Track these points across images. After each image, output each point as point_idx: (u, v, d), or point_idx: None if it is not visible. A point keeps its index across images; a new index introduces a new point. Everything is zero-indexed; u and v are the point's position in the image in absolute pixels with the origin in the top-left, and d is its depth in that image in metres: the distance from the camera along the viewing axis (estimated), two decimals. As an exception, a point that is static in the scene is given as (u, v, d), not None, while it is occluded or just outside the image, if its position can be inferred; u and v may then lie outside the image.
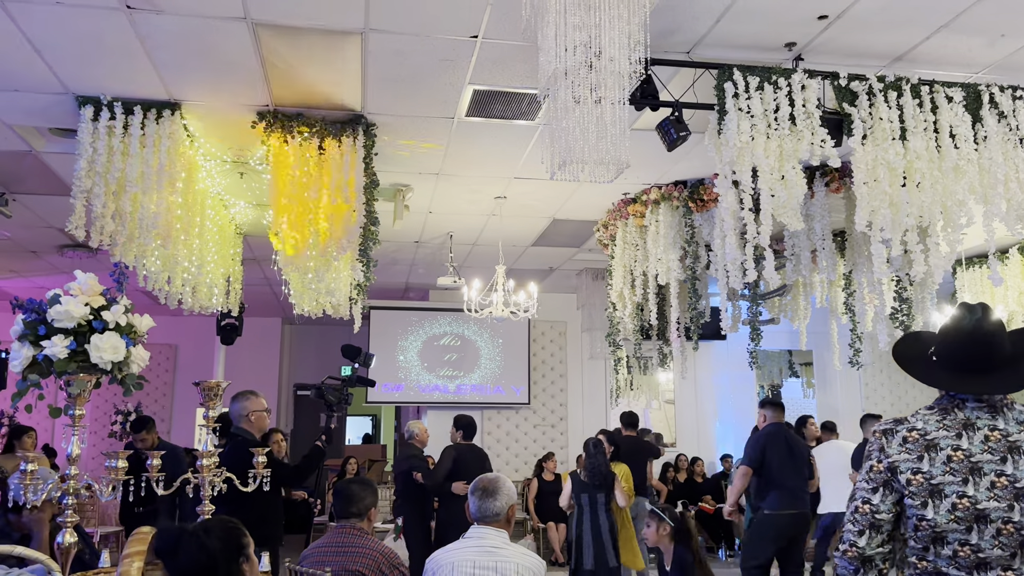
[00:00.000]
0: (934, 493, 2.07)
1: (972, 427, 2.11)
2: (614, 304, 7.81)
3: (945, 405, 2.19)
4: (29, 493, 2.66)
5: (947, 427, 2.13)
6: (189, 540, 2.08)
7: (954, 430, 2.11)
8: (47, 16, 4.30)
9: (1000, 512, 2.00)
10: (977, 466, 2.05)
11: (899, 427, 2.20)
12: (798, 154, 4.60)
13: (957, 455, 2.07)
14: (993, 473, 2.03)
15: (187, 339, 13.15)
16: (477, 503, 3.20)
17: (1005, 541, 2.00)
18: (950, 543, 2.05)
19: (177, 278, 6.24)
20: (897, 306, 6.63)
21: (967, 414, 2.13)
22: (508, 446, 11.71)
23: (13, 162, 6.41)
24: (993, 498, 2.01)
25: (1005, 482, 2.02)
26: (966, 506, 2.03)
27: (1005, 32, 4.58)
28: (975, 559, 2.01)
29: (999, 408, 2.13)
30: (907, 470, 2.13)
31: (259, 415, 4.54)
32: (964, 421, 2.12)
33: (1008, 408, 2.13)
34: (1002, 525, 2.00)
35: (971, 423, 2.11)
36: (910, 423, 2.19)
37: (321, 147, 5.50)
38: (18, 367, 2.71)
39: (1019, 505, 2.00)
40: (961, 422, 2.12)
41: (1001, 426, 2.09)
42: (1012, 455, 2.05)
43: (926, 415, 2.20)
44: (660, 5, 4.17)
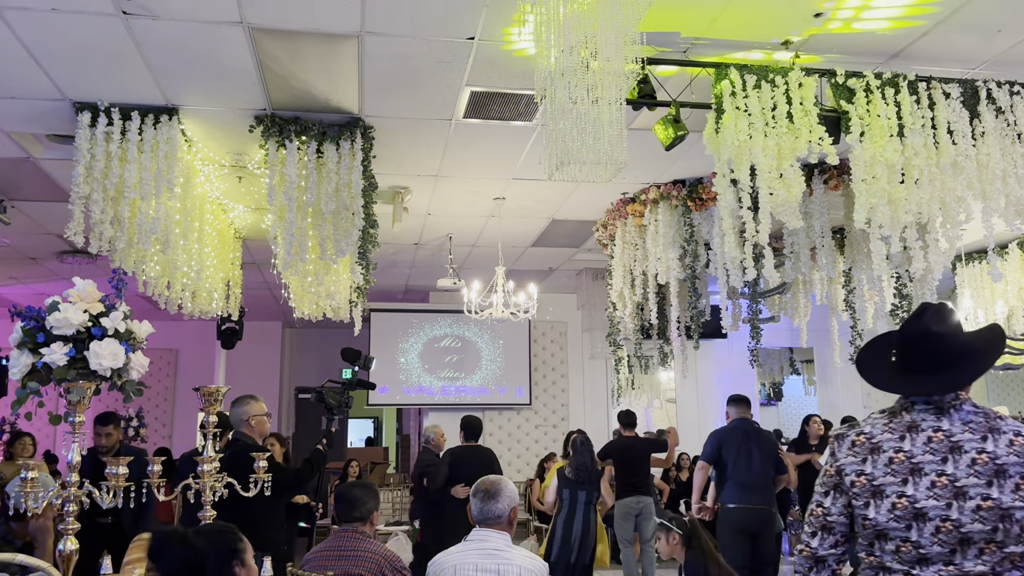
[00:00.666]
0: (875, 494, 2.14)
1: (916, 429, 2.16)
2: (614, 304, 7.81)
3: (895, 408, 2.25)
4: (30, 500, 2.66)
5: (892, 430, 2.19)
6: (176, 542, 2.09)
7: (898, 432, 2.17)
8: (43, 23, 4.30)
9: (938, 511, 2.05)
10: (918, 467, 2.10)
11: (850, 432, 2.27)
12: (796, 152, 4.59)
13: (898, 456, 2.13)
14: (934, 473, 2.08)
15: (188, 344, 13.16)
16: (479, 505, 3.19)
17: (944, 538, 2.04)
18: (892, 539, 2.10)
19: (177, 283, 6.24)
20: (897, 303, 6.62)
21: (913, 416, 2.18)
22: (510, 447, 11.71)
23: (11, 169, 6.41)
24: (932, 497, 2.06)
25: (945, 481, 2.06)
26: (904, 505, 2.08)
27: (1002, 28, 4.57)
28: (916, 555, 2.06)
29: (946, 409, 2.16)
30: (852, 472, 2.20)
31: (259, 419, 4.53)
32: (909, 423, 2.17)
33: (956, 409, 2.16)
34: (940, 523, 2.04)
35: (916, 425, 2.16)
36: (860, 428, 2.26)
37: (319, 150, 5.50)
38: (17, 374, 2.71)
39: (957, 503, 2.04)
40: (906, 424, 2.18)
41: (945, 427, 2.13)
42: (953, 455, 2.09)
43: (876, 419, 2.26)
44: (657, 4, 4.16)
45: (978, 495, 2.03)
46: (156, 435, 13.03)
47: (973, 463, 2.06)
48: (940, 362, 2.20)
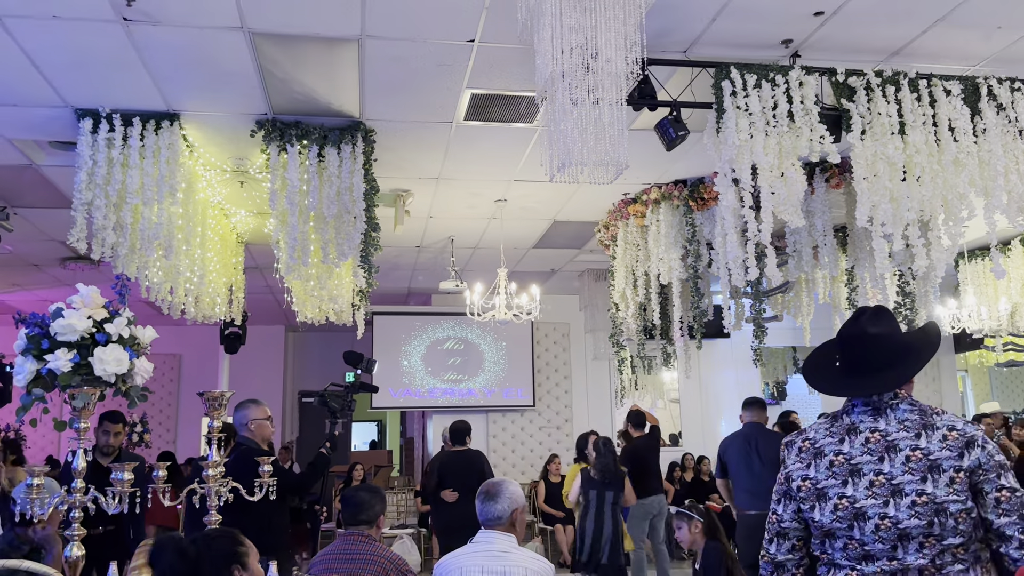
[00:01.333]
0: (820, 496, 2.20)
1: (855, 431, 2.22)
2: (617, 304, 7.80)
3: (838, 412, 2.31)
4: (35, 507, 2.66)
5: (833, 433, 2.25)
6: (171, 546, 2.10)
7: (838, 435, 2.24)
8: (44, 30, 4.31)
9: (876, 509, 2.11)
10: (857, 468, 2.16)
11: (797, 439, 2.34)
12: (797, 151, 4.59)
13: (838, 459, 2.20)
14: (872, 473, 2.14)
15: (191, 349, 13.17)
16: (479, 507, 3.20)
17: (884, 535, 2.10)
18: (839, 537, 2.18)
19: (180, 288, 6.25)
20: (900, 300, 6.63)
21: (852, 419, 2.25)
22: (514, 448, 11.71)
23: (13, 176, 6.42)
24: (871, 496, 2.12)
25: (883, 480, 2.12)
26: (845, 506, 2.15)
27: (1001, 24, 4.57)
28: (861, 551, 2.13)
29: (883, 410, 2.22)
30: (798, 478, 2.27)
31: (260, 423, 4.53)
32: (848, 426, 2.24)
33: (892, 409, 2.21)
34: (879, 520, 2.10)
35: (854, 427, 2.22)
36: (805, 434, 2.33)
37: (320, 154, 5.50)
38: (22, 381, 2.71)
39: (894, 501, 2.09)
40: (846, 427, 2.24)
41: (882, 427, 2.19)
42: (889, 454, 2.14)
43: (819, 425, 2.33)
44: (656, 5, 4.17)
45: (913, 491, 2.08)
46: (160, 440, 13.04)
47: (907, 460, 2.12)
48: (879, 363, 2.25)
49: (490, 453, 11.37)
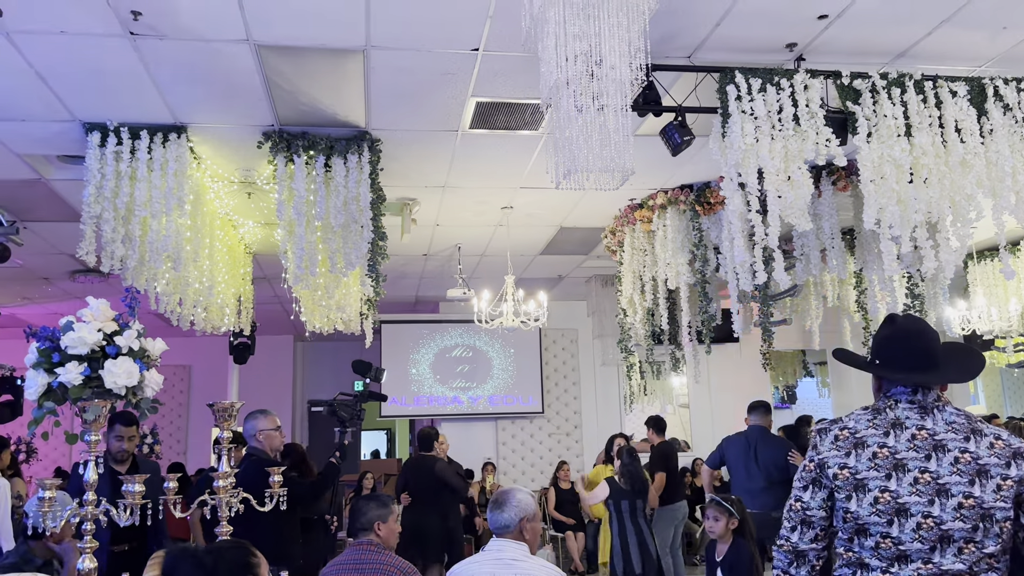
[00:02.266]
0: (858, 487, 2.17)
1: (900, 426, 2.20)
2: (624, 310, 7.80)
3: (879, 406, 2.30)
4: (47, 520, 2.67)
5: (876, 426, 2.23)
6: (187, 560, 2.09)
7: (882, 428, 2.22)
8: (52, 45, 4.34)
9: (920, 507, 2.09)
10: (901, 463, 2.14)
11: (833, 426, 2.31)
12: (803, 154, 4.59)
13: (882, 452, 2.17)
14: (917, 470, 2.12)
15: (200, 359, 13.21)
16: (489, 515, 3.20)
17: (925, 535, 2.07)
18: (872, 535, 2.13)
19: (189, 299, 6.27)
20: (909, 302, 6.60)
21: (898, 414, 2.23)
22: (523, 456, 11.69)
23: (23, 190, 6.46)
24: (915, 493, 2.10)
25: (928, 478, 2.11)
26: (887, 500, 2.11)
27: (1007, 24, 4.56)
28: (896, 551, 2.09)
29: (930, 409, 2.22)
30: (834, 465, 2.23)
31: (268, 434, 4.54)
32: (894, 420, 2.22)
33: (939, 410, 2.22)
34: (922, 519, 2.07)
35: (900, 422, 2.21)
36: (843, 423, 2.30)
37: (327, 164, 5.52)
38: (33, 395, 2.73)
39: (939, 500, 2.08)
40: (891, 421, 2.22)
41: (929, 426, 2.19)
42: (937, 453, 2.13)
43: (860, 415, 2.30)
44: (659, 11, 4.17)
45: (960, 493, 2.07)
46: (170, 451, 13.07)
47: (956, 462, 2.11)
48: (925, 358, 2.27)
49: (499, 460, 11.37)
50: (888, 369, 2.32)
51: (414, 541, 6.86)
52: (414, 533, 6.88)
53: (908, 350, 2.29)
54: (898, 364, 2.30)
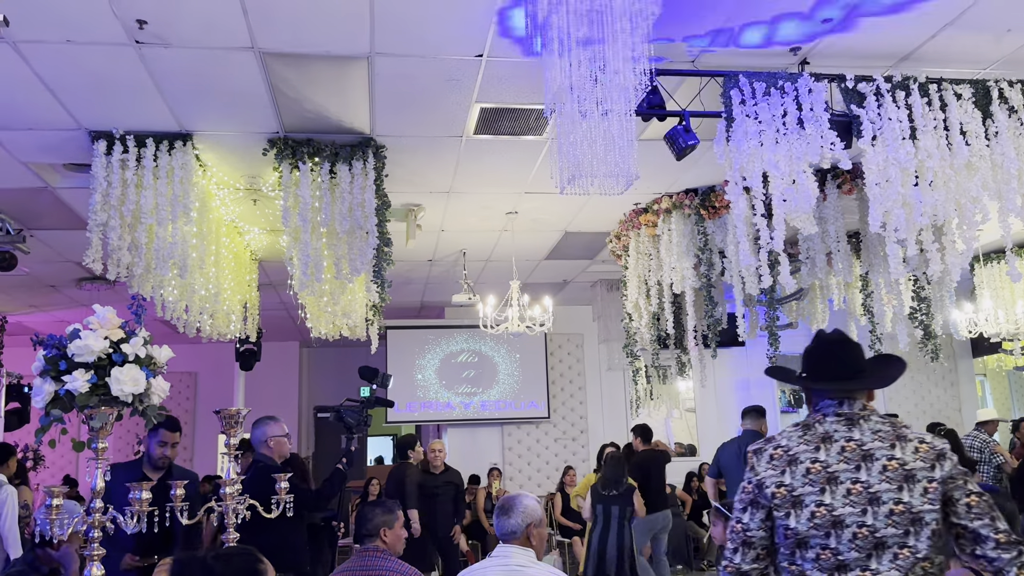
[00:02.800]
0: (795, 504, 2.24)
1: (830, 440, 2.28)
2: (630, 314, 7.79)
3: (808, 422, 2.37)
4: (55, 528, 2.68)
5: (807, 442, 2.30)
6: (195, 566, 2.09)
7: (813, 444, 2.29)
8: (58, 55, 4.37)
9: (855, 517, 2.17)
10: (834, 476, 2.22)
11: (767, 446, 2.38)
12: (808, 158, 4.57)
13: (815, 467, 2.25)
14: (849, 481, 2.21)
15: (207, 366, 13.22)
16: (496, 521, 3.20)
17: (860, 544, 2.15)
18: (812, 547, 2.20)
19: (195, 307, 6.29)
20: (916, 306, 6.58)
21: (826, 428, 2.31)
22: (530, 461, 11.68)
23: (30, 199, 6.49)
24: (848, 504, 2.18)
25: (860, 488, 2.19)
26: (823, 514, 2.19)
27: (1011, 27, 4.55)
28: (835, 561, 2.16)
29: (856, 420, 2.30)
30: (772, 484, 2.30)
31: (278, 440, 4.55)
32: (823, 435, 2.30)
33: (865, 420, 2.30)
34: (857, 529, 2.15)
35: (829, 436, 2.29)
36: (776, 441, 2.37)
37: (332, 171, 5.54)
38: (40, 403, 2.74)
39: (871, 509, 2.16)
40: (820, 436, 2.30)
41: (856, 437, 2.27)
42: (866, 463, 2.22)
43: (791, 433, 2.37)
44: (663, 16, 4.18)
45: (891, 500, 2.16)
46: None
47: (884, 469, 2.20)
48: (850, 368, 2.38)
49: (506, 466, 11.36)
50: (814, 380, 2.42)
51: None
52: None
53: (832, 361, 2.40)
54: (824, 374, 2.40)
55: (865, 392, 2.38)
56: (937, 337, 6.71)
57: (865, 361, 2.43)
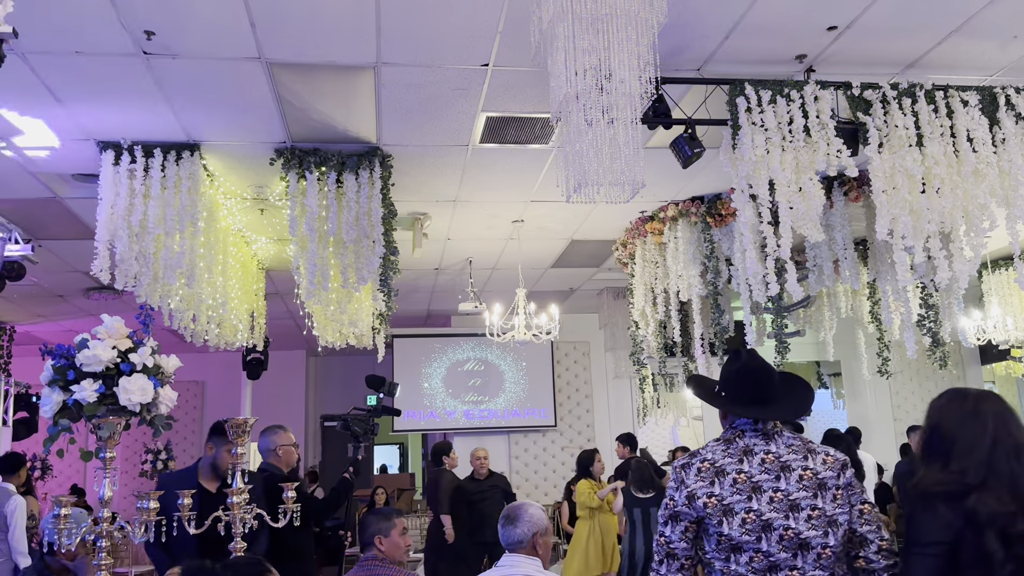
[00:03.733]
0: (726, 511, 2.41)
1: (751, 453, 2.47)
2: (636, 322, 7.78)
3: (729, 436, 2.55)
4: (63, 537, 2.68)
5: (730, 455, 2.48)
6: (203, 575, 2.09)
7: (736, 456, 2.47)
8: (67, 65, 4.40)
9: (780, 520, 2.36)
10: (757, 485, 2.41)
11: (694, 460, 2.53)
12: (814, 165, 4.58)
13: (740, 477, 2.43)
14: (771, 489, 2.40)
15: (214, 375, 13.24)
16: (501, 530, 3.18)
17: (787, 544, 2.34)
18: (746, 551, 2.37)
19: (202, 316, 6.30)
20: (924, 313, 6.55)
21: (746, 442, 2.50)
22: (536, 469, 11.65)
23: (38, 209, 6.53)
24: (773, 510, 2.37)
25: (780, 496, 2.39)
26: (753, 519, 2.37)
27: (1017, 34, 4.55)
28: (767, 563, 2.35)
29: (771, 435, 2.51)
30: (703, 495, 2.45)
31: (287, 449, 4.55)
32: (744, 448, 2.49)
33: (778, 435, 2.51)
34: (783, 532, 2.35)
35: (750, 449, 2.48)
36: (702, 455, 2.53)
37: (339, 180, 5.55)
38: (48, 412, 2.75)
39: (793, 514, 2.37)
40: (742, 449, 2.49)
41: (774, 450, 2.47)
42: (784, 473, 2.42)
43: (714, 447, 2.54)
44: (668, 25, 4.18)
45: (808, 506, 2.37)
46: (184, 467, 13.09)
47: (800, 479, 2.41)
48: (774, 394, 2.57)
49: (512, 475, 11.33)
50: (731, 403, 2.60)
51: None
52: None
53: (750, 385, 2.58)
54: (739, 399, 2.58)
55: None
56: (945, 344, 6.67)
57: (777, 383, 2.62)
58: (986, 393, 2.32)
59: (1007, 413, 2.24)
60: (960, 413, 2.26)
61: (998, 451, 2.15)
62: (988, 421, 2.21)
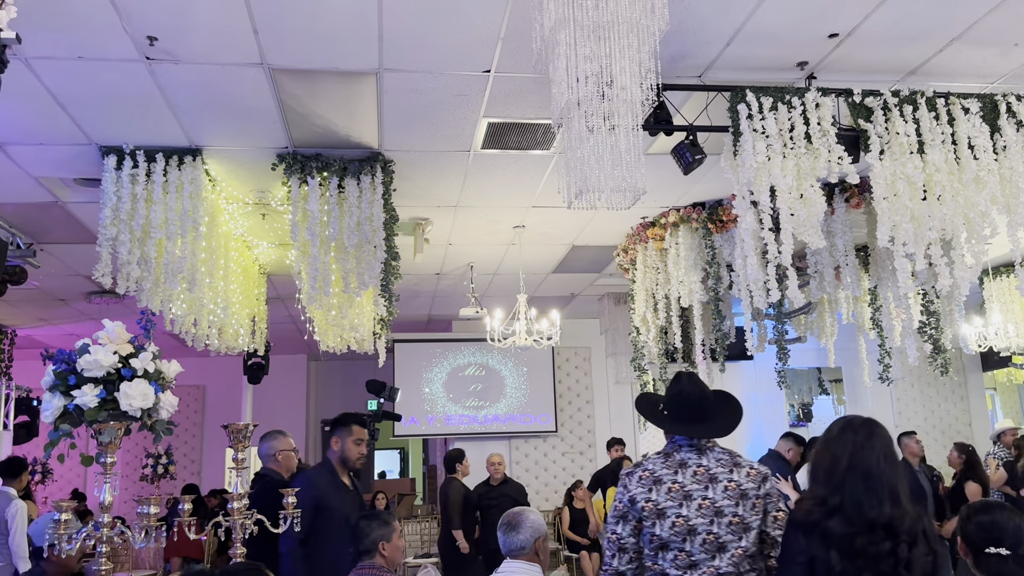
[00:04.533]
0: (659, 515, 2.78)
1: (685, 465, 2.85)
2: (637, 328, 7.78)
3: (668, 450, 2.93)
4: (63, 542, 2.68)
5: (668, 466, 2.86)
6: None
7: (672, 468, 2.85)
8: (69, 70, 4.41)
9: (704, 526, 2.74)
10: (688, 493, 2.79)
11: (637, 469, 2.92)
12: (815, 172, 4.58)
13: (675, 486, 2.81)
14: (700, 498, 2.78)
15: (215, 380, 13.25)
16: (502, 537, 3.18)
17: (707, 547, 2.73)
18: (672, 549, 2.76)
19: (203, 320, 6.30)
20: (925, 320, 6.55)
21: (682, 456, 2.88)
22: (537, 475, 11.64)
23: (40, 213, 6.54)
24: (700, 516, 2.75)
25: (708, 504, 2.76)
26: (681, 523, 2.76)
27: (1018, 41, 4.56)
28: (688, 561, 2.74)
29: (704, 450, 2.88)
30: (642, 499, 2.82)
31: (286, 455, 4.55)
32: (680, 461, 2.87)
33: (710, 450, 2.89)
34: (706, 536, 2.73)
35: (684, 463, 2.86)
36: (644, 466, 2.91)
37: (340, 185, 5.56)
38: (49, 417, 2.75)
39: (716, 520, 2.74)
40: (678, 462, 2.87)
41: (704, 463, 2.85)
42: (712, 484, 2.80)
43: (655, 459, 2.92)
44: (670, 31, 4.19)
45: (730, 513, 2.75)
46: (185, 472, 13.09)
47: (726, 489, 2.79)
48: (707, 415, 2.94)
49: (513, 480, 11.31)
50: (670, 422, 2.97)
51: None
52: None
53: (685, 407, 2.95)
54: (677, 418, 2.95)
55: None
56: (947, 351, 6.67)
57: (711, 403, 2.98)
58: (863, 423, 2.60)
59: (870, 441, 2.52)
60: (833, 442, 2.58)
61: (851, 477, 2.47)
62: (849, 449, 2.52)
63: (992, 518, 2.44)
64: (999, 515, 2.45)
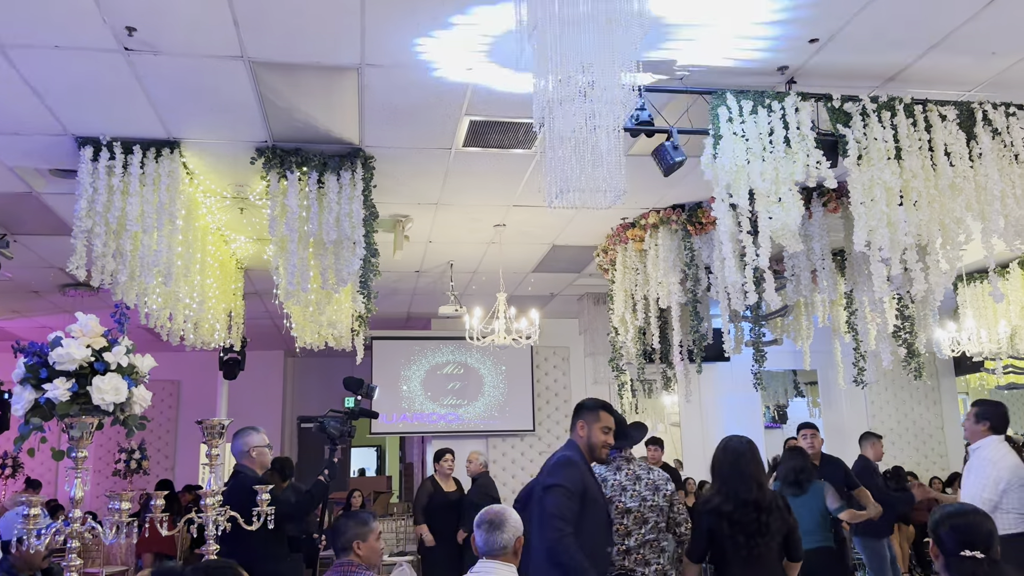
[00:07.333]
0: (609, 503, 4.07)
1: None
2: (616, 328, 7.79)
3: (609, 460, 4.24)
4: (32, 537, 2.65)
5: (610, 471, 4.25)
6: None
7: (612, 471, 4.24)
8: (46, 59, 4.35)
9: (635, 507, 4.12)
10: (623, 487, 4.18)
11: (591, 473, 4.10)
12: (794, 176, 4.61)
13: (616, 482, 4.20)
14: (631, 490, 4.16)
15: (189, 375, 13.13)
16: (484, 536, 3.15)
17: (635, 521, 4.10)
18: (613, 524, 4.01)
19: (179, 315, 6.25)
20: (899, 324, 6.62)
21: (617, 463, 4.26)
22: (514, 474, 11.64)
23: (14, 203, 6.45)
24: (632, 500, 4.13)
25: (635, 493, 4.15)
26: (621, 506, 4.12)
27: (995, 50, 4.61)
28: (625, 531, 4.08)
29: (629, 459, 4.30)
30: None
31: (260, 451, 4.52)
32: (616, 466, 4.25)
33: (632, 460, 4.30)
34: (637, 514, 4.11)
35: (619, 467, 4.25)
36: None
37: (320, 181, 5.53)
38: (20, 411, 2.71)
39: (643, 504, 4.12)
40: (615, 467, 4.25)
41: (631, 468, 4.25)
42: (637, 481, 4.20)
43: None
44: (652, 35, 4.21)
45: (650, 499, 4.15)
46: (158, 467, 12.97)
47: (647, 485, 4.18)
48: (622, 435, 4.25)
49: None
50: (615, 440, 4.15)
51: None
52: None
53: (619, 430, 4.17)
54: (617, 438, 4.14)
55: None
56: (920, 355, 6.76)
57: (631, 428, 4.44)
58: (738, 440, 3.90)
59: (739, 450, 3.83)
60: (721, 453, 3.89)
61: (730, 474, 3.78)
62: (729, 456, 3.84)
63: (967, 521, 2.48)
64: (974, 518, 2.48)
